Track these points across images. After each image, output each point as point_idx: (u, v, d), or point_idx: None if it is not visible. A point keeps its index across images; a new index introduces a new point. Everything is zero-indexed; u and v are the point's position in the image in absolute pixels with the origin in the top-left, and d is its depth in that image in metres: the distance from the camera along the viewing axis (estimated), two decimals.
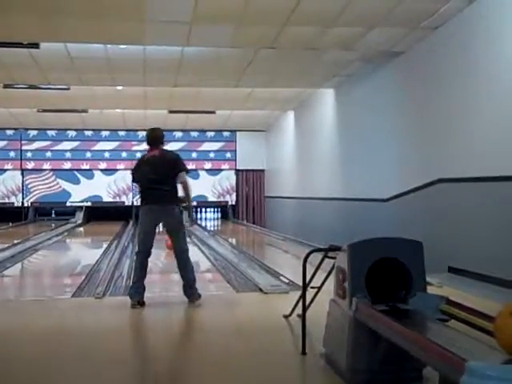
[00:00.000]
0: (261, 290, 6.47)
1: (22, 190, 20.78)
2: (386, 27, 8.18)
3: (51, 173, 20.90)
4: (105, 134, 20.91)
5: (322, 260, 4.43)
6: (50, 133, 20.71)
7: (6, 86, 12.48)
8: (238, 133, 21.10)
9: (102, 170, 21.14)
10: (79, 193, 20.94)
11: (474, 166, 7.11)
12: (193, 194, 6.27)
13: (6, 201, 20.66)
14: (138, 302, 5.61)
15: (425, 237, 4.37)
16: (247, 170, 21.39)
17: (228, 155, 21.45)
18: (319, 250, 4.37)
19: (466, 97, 7.33)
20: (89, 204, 20.94)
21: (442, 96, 7.99)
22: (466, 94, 7.33)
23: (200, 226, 18.50)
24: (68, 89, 12.84)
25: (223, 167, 21.51)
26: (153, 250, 5.89)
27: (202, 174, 21.30)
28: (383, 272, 3.55)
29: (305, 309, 4.20)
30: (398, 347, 2.92)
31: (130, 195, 21.25)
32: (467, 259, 7.11)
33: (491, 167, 6.71)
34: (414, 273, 3.54)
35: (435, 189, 8.05)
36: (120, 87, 13.00)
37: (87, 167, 21.02)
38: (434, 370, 2.67)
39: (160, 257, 9.76)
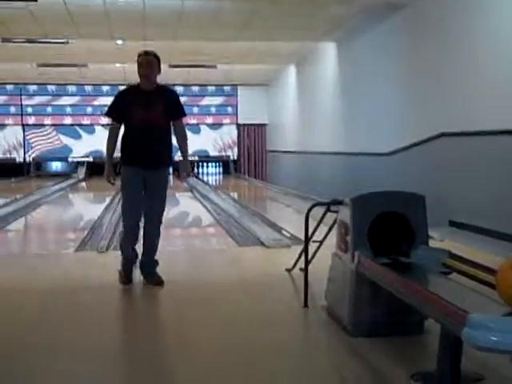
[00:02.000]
0: (263, 244, 6.50)
1: (24, 145, 20.73)
2: None
3: (52, 128, 20.81)
4: (105, 88, 20.72)
5: (325, 214, 4.43)
6: (50, 88, 20.54)
7: (4, 40, 12.31)
8: (239, 87, 20.91)
9: (103, 125, 21.03)
10: (81, 148, 20.89)
11: (476, 120, 7.05)
12: (194, 148, 5.74)
13: (8, 156, 20.64)
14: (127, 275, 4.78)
15: (426, 191, 4.36)
16: (249, 125, 21.27)
17: (229, 110, 21.30)
18: (321, 203, 4.37)
19: (470, 51, 7.22)
20: (90, 159, 20.91)
21: (445, 49, 7.87)
22: (470, 49, 7.22)
23: (202, 180, 18.51)
24: (67, 43, 12.67)
25: (224, 122, 21.39)
26: None
27: (204, 128, 21.20)
28: (385, 226, 3.56)
29: (307, 263, 4.23)
30: (399, 300, 2.95)
31: None
32: (469, 213, 7.12)
33: (493, 121, 6.66)
34: (416, 226, 3.54)
35: (438, 143, 8.01)
36: (119, 42, 12.82)
37: (88, 122, 20.92)
38: (436, 322, 2.69)
39: None
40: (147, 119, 4.57)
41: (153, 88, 4.65)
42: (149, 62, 4.61)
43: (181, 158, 4.90)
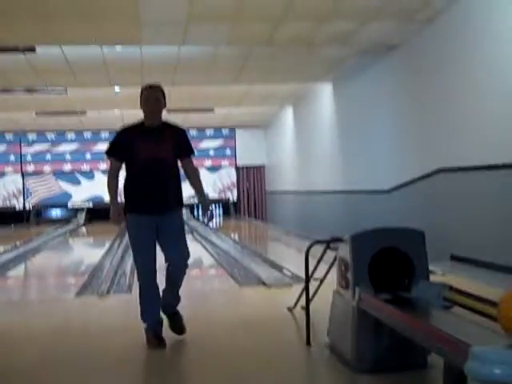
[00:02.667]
0: (264, 283, 6.48)
1: (23, 192, 20.80)
2: (380, 21, 8.18)
3: (51, 175, 20.92)
4: (104, 134, 20.91)
5: (324, 252, 4.44)
6: (49, 135, 20.73)
7: (3, 91, 12.48)
8: (237, 129, 21.11)
9: (102, 171, 21.14)
10: (80, 194, 20.95)
11: (473, 155, 7.11)
12: (192, 192, 4.90)
13: (8, 204, 20.69)
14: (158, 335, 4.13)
15: (427, 226, 4.38)
16: (247, 166, 21.39)
17: (228, 152, 21.45)
18: (321, 241, 4.38)
19: (464, 87, 7.33)
20: (90, 205, 20.95)
21: (439, 87, 7.98)
22: (464, 85, 7.33)
23: (203, 222, 18.51)
24: (65, 91, 12.84)
25: (223, 164, 21.51)
26: None
27: (203, 171, 21.30)
28: (386, 262, 3.56)
29: (308, 301, 4.22)
30: (402, 335, 2.93)
31: None
32: (469, 247, 7.12)
33: (491, 156, 6.71)
34: (416, 261, 3.55)
35: (436, 178, 8.06)
36: (118, 90, 13.00)
37: (87, 168, 21.03)
38: (439, 357, 2.67)
39: None
40: (155, 155, 4.03)
41: (159, 125, 4.17)
42: (155, 98, 4.12)
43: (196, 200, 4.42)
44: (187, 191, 4.39)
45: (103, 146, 20.97)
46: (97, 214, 20.60)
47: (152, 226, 4.04)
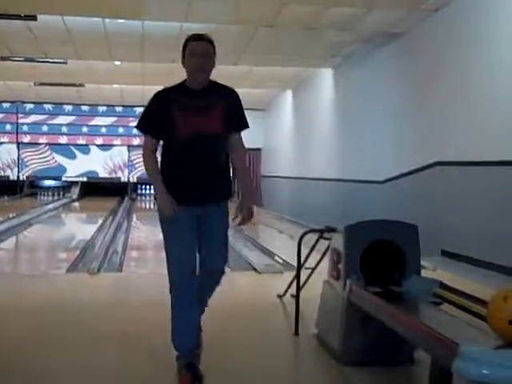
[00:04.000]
0: (255, 269, 6.48)
1: (18, 163, 20.70)
2: (385, 8, 8.11)
3: (47, 147, 20.81)
4: (102, 109, 20.79)
5: (317, 241, 4.42)
6: (47, 106, 20.59)
7: (3, 59, 12.35)
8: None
9: (98, 146, 21.06)
10: (75, 168, 20.87)
11: (471, 150, 7.09)
12: None
13: (2, 174, 20.60)
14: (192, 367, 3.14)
15: (419, 220, 4.37)
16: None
17: None
18: (314, 230, 4.37)
19: (466, 80, 7.28)
20: (84, 179, 20.89)
21: (441, 78, 7.94)
22: (466, 77, 7.29)
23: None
24: (65, 63, 12.73)
25: None
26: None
27: None
28: (378, 254, 3.55)
29: (299, 289, 4.21)
30: (390, 329, 2.93)
31: (126, 171, 21.19)
32: (461, 243, 7.12)
33: (488, 152, 6.70)
34: (408, 256, 3.54)
35: (432, 172, 8.04)
36: (118, 62, 12.89)
37: (83, 142, 20.94)
38: (426, 353, 2.67)
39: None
40: (201, 128, 3.11)
41: (206, 88, 3.22)
42: (205, 50, 3.18)
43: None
44: None
45: (100, 121, 20.98)
46: (91, 188, 20.58)
47: (193, 223, 3.15)
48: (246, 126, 3.30)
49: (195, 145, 3.11)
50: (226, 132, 3.19)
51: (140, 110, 20.78)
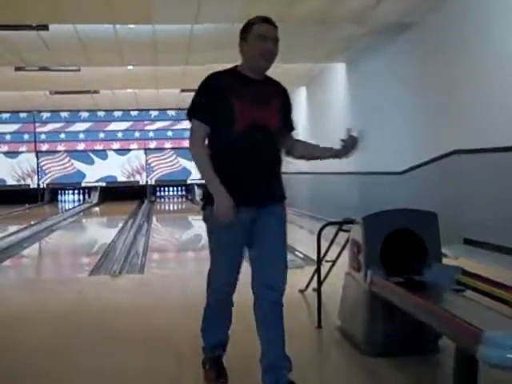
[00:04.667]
0: None
1: (38, 171, 20.91)
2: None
3: (65, 154, 21.01)
4: (117, 114, 20.94)
5: (337, 233, 4.41)
6: (63, 114, 20.79)
7: (17, 69, 12.47)
8: None
9: (115, 150, 21.21)
10: (94, 173, 21.04)
11: (490, 136, 7.02)
12: (196, 175, 3.32)
13: (22, 183, 20.82)
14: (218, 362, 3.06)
15: (440, 208, 4.33)
16: None
17: None
18: (333, 223, 4.35)
19: (482, 66, 7.21)
20: (103, 184, 21.04)
21: (458, 66, 7.86)
22: (482, 64, 7.21)
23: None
24: (78, 70, 12.82)
25: None
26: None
27: None
28: (398, 244, 3.53)
29: (320, 283, 4.21)
30: (413, 319, 2.92)
31: (144, 174, 21.31)
32: (483, 231, 7.06)
33: (507, 138, 6.62)
34: (428, 244, 3.52)
35: (451, 160, 7.97)
36: (131, 67, 12.95)
37: (101, 147, 21.10)
38: (451, 341, 2.65)
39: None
40: (261, 120, 2.81)
41: (264, 78, 2.92)
42: (275, 36, 2.89)
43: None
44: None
45: (116, 126, 21.11)
46: (110, 193, 20.73)
47: (246, 225, 2.82)
48: (294, 128, 3.12)
49: (253, 138, 2.79)
50: (281, 128, 2.94)
51: (155, 113, 20.93)
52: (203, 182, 2.82)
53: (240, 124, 2.77)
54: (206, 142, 2.85)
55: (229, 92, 2.77)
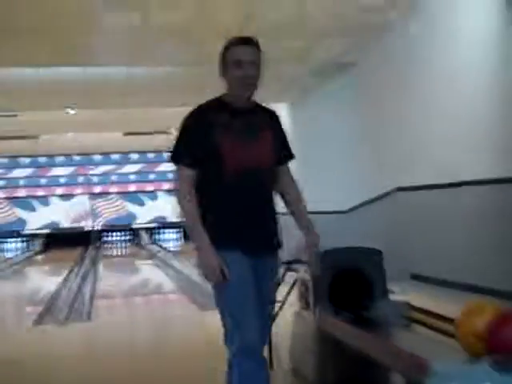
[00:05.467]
0: None
1: None
2: (333, 39, 8.28)
3: (5, 201, 20.49)
4: (59, 159, 20.66)
5: (285, 273, 4.44)
6: (2, 160, 20.35)
7: None
8: None
9: (58, 196, 20.83)
10: (36, 220, 20.55)
11: (431, 173, 7.22)
12: (154, 215, 3.12)
13: None
14: None
15: (386, 246, 4.43)
16: None
17: None
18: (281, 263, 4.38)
19: (423, 104, 7.44)
20: (47, 231, 20.56)
21: (398, 104, 8.11)
22: (423, 101, 7.45)
23: (161, 247, 18.36)
24: (15, 115, 12.59)
25: None
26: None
27: (162, 194, 21.15)
28: (345, 281, 3.58)
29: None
30: (363, 355, 2.95)
31: (89, 220, 20.96)
32: (429, 266, 7.20)
33: (448, 174, 6.82)
34: (375, 281, 3.58)
35: (394, 197, 8.16)
36: (72, 111, 12.82)
37: (43, 193, 20.69)
38: (400, 375, 2.70)
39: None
40: (252, 158, 2.50)
41: (252, 106, 2.61)
42: (254, 58, 2.55)
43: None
44: (152, 213, 3.71)
45: (59, 171, 20.78)
46: (54, 240, 20.21)
47: (250, 270, 2.48)
48: (292, 155, 2.73)
49: (246, 178, 2.48)
50: (275, 163, 2.59)
51: (98, 157, 20.72)
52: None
53: (230, 164, 2.46)
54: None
55: (214, 129, 2.48)
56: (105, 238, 21.07)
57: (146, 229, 20.37)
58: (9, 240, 20.91)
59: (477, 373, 2.14)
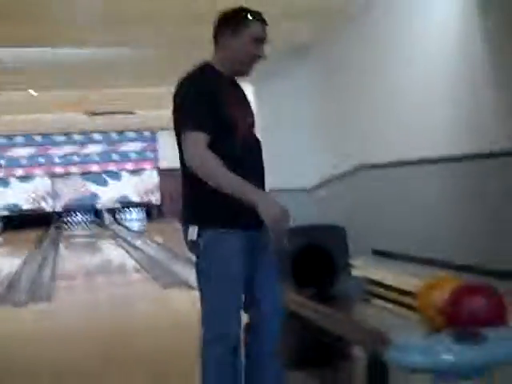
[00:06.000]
0: (189, 285, 6.42)
1: None
2: (294, 21, 8.25)
3: None
4: (19, 139, 20.25)
5: None
6: None
7: None
8: (159, 132, 20.85)
9: (17, 178, 20.44)
10: None
11: (393, 149, 7.28)
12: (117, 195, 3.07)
13: None
14: None
15: (349, 223, 4.44)
16: (171, 170, 21.17)
17: (149, 155, 21.23)
18: None
19: (384, 82, 7.47)
20: (6, 213, 20.18)
21: (359, 81, 8.14)
22: (384, 79, 7.47)
23: (125, 226, 18.22)
24: None
25: (145, 166, 21.25)
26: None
27: (125, 174, 20.93)
28: (308, 258, 3.58)
29: None
30: (325, 330, 2.96)
31: (50, 201, 20.63)
32: (391, 241, 7.29)
33: (410, 150, 6.88)
34: (338, 257, 3.58)
35: (357, 175, 8.21)
36: (33, 92, 12.55)
37: (1, 175, 20.27)
38: (362, 349, 2.71)
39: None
40: (251, 133, 2.48)
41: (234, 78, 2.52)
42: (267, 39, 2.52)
43: None
44: (118, 192, 3.82)
45: (19, 151, 20.32)
46: (13, 222, 19.84)
47: (247, 251, 2.44)
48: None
49: (252, 150, 2.41)
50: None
51: (60, 137, 20.32)
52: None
53: (240, 130, 2.35)
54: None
55: (223, 100, 2.32)
56: (67, 219, 20.80)
57: (109, 209, 20.18)
58: None
59: (437, 345, 2.15)
